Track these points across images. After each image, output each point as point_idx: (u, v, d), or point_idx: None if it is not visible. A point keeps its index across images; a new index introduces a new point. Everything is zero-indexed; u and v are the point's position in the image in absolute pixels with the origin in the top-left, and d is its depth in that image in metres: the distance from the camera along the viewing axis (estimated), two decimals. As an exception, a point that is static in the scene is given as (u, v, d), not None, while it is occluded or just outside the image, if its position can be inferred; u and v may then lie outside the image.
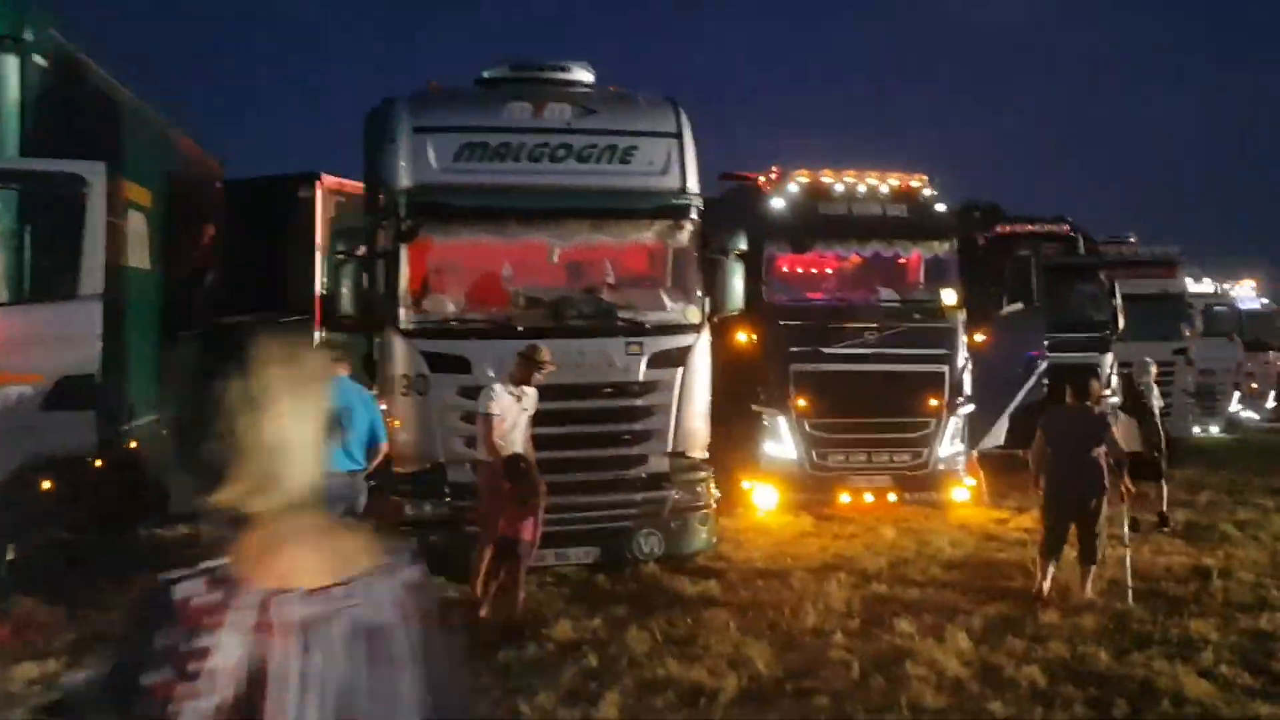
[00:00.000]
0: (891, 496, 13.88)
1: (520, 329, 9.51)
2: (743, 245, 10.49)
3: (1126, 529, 10.22)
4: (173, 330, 12.76)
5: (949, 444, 14.15)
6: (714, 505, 10.15)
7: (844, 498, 13.77)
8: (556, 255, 9.85)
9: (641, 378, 9.71)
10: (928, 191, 14.53)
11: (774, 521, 13.11)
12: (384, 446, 7.98)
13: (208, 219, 15.49)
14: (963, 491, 14.14)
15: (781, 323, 13.81)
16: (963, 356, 14.30)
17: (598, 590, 9.36)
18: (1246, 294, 31.02)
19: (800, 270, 14.56)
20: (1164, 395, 21.29)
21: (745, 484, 13.93)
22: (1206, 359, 24.98)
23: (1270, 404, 29.76)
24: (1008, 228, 18.53)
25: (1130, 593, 9.46)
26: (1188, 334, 23.02)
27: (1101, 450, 9.52)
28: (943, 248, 14.43)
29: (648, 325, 9.79)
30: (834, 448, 13.83)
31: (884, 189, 14.36)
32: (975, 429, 14.77)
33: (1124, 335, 21.06)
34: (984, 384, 14.88)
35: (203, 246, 15.25)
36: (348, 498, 7.58)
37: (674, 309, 9.98)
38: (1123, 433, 13.02)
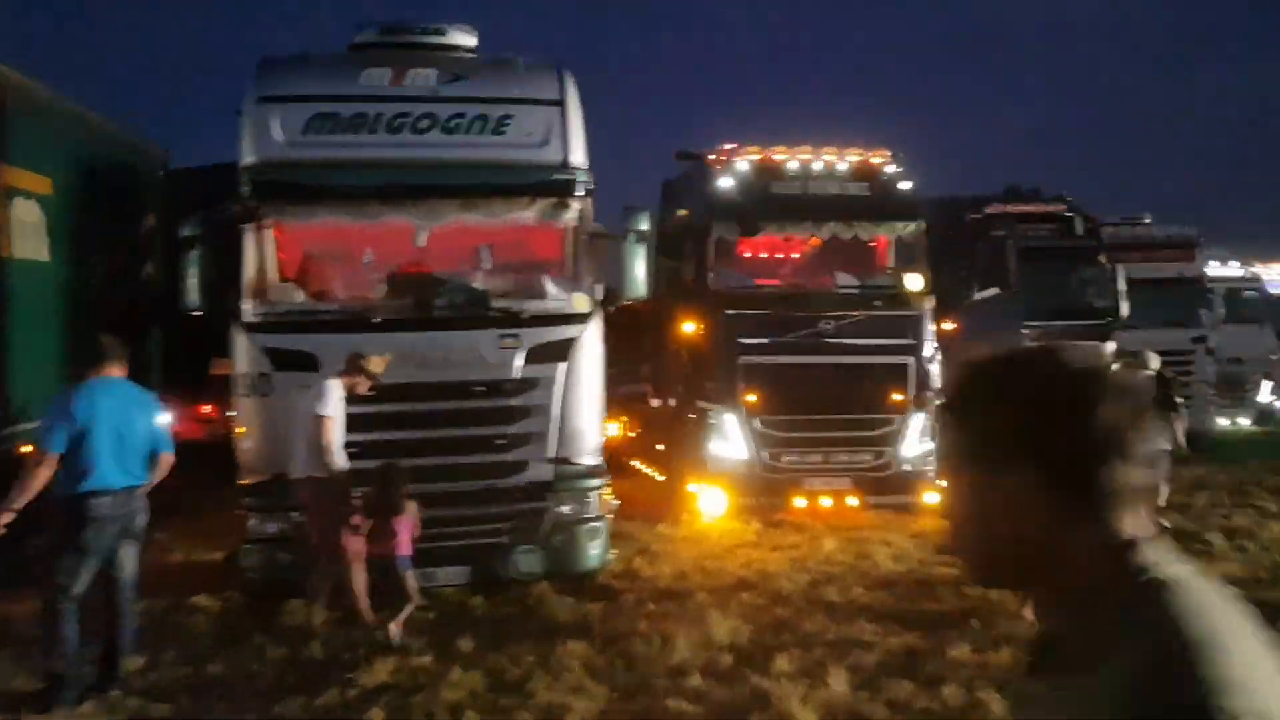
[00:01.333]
0: (852, 500, 12.55)
1: (377, 321, 8.32)
2: (644, 225, 9.18)
3: None
4: (87, 326, 11.74)
5: (916, 443, 12.78)
6: (608, 516, 8.88)
7: (799, 502, 12.47)
8: (423, 238, 8.64)
9: (518, 374, 8.50)
10: (891, 169, 13.13)
11: (716, 529, 11.84)
12: (167, 457, 6.82)
13: (143, 209, 14.45)
14: (934, 495, 12.72)
15: (729, 311, 12.51)
16: (930, 347, 12.91)
17: (462, 616, 8.16)
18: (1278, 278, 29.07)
19: (751, 254, 13.21)
20: (1184, 386, 19.94)
21: (691, 487, 12.66)
22: (1232, 347, 23.15)
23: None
24: (1000, 207, 17.06)
25: None
26: (1207, 321, 21.23)
27: None
28: (908, 229, 13.03)
29: (526, 315, 8.56)
30: (787, 447, 12.53)
31: (842, 166, 12.99)
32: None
33: (1129, 323, 19.60)
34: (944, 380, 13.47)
35: (136, 238, 14.21)
36: (121, 519, 6.43)
37: (558, 297, 8.74)
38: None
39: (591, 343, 8.72)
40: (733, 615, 8.11)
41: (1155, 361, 11.55)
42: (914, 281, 12.88)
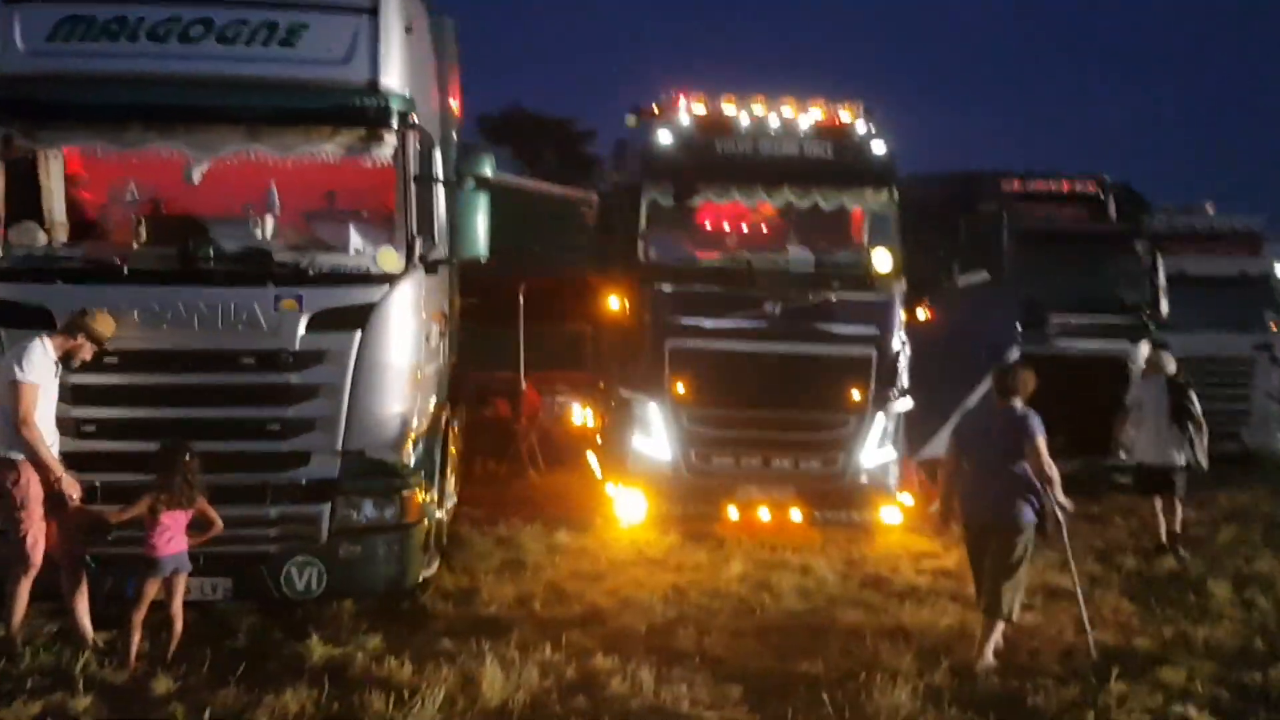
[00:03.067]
0: (796, 514, 10.68)
1: (129, 272, 6.73)
2: (485, 170, 7.45)
3: (1075, 575, 7.39)
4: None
5: (875, 449, 10.85)
6: (419, 524, 7.18)
7: (732, 512, 10.60)
8: (198, 174, 7.01)
9: (298, 345, 6.83)
10: (861, 127, 11.12)
11: (623, 540, 10.10)
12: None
13: None
14: (893, 512, 10.83)
15: (659, 287, 10.70)
16: (899, 338, 10.94)
17: (197, 642, 6.52)
18: None
19: (692, 223, 11.34)
20: (1239, 399, 17.49)
21: (609, 489, 10.90)
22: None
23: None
24: (1016, 184, 14.88)
25: (1093, 645, 7.06)
26: (1273, 325, 18.65)
27: (1024, 464, 6.83)
28: (878, 199, 11.03)
29: (312, 272, 6.87)
30: (720, 447, 10.70)
31: (803, 123, 11.03)
32: (916, 432, 11.35)
33: (1175, 324, 17.23)
34: (930, 374, 11.46)
35: None
36: None
37: (360, 251, 7.04)
38: (1151, 438, 10.48)
39: (399, 309, 7.03)
40: (532, 662, 6.36)
41: (1171, 365, 9.52)
42: (882, 261, 10.89)
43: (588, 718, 5.73)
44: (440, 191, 7.47)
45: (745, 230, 11.59)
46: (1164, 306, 14.95)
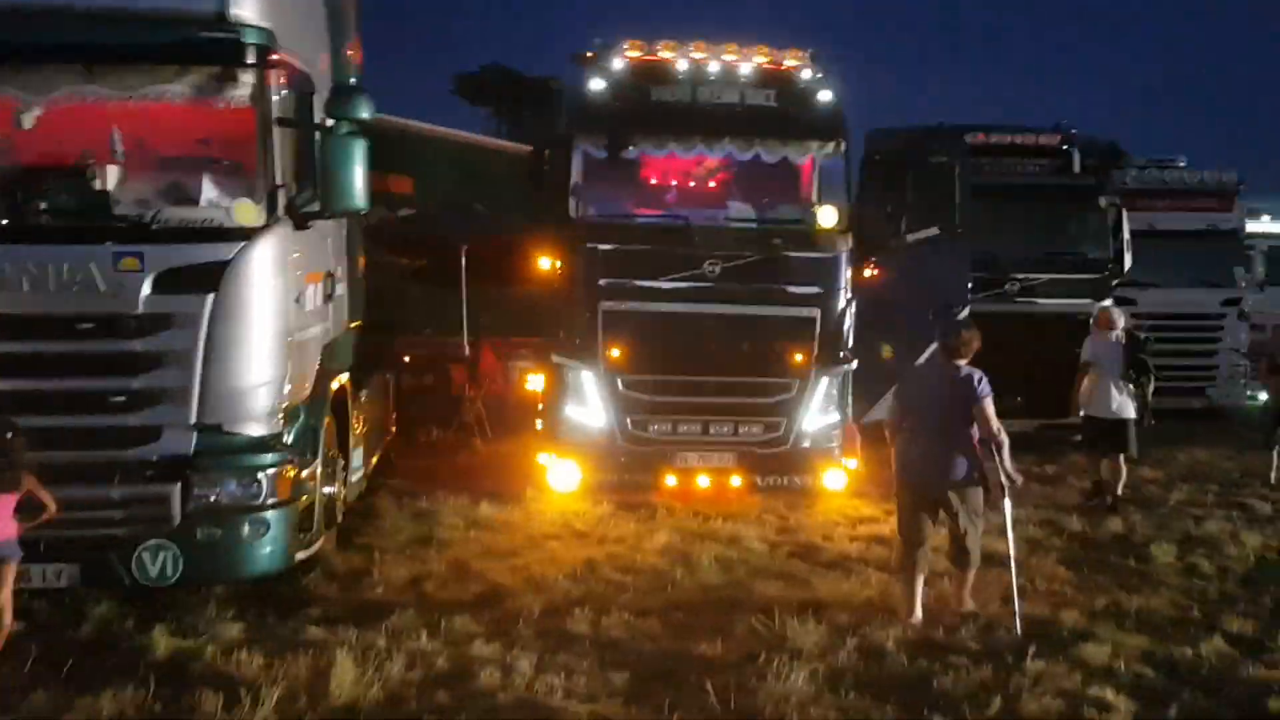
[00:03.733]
0: (736, 480, 9.84)
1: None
2: (362, 112, 6.50)
3: (1012, 544, 6.55)
4: None
5: (820, 413, 9.97)
6: (292, 502, 6.29)
7: (670, 480, 9.74)
8: (29, 118, 6.06)
9: (141, 308, 5.91)
10: (807, 74, 10.12)
11: (550, 512, 9.22)
12: None
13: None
14: (837, 476, 9.96)
15: (591, 245, 9.75)
16: (844, 297, 10.01)
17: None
18: None
19: (629, 177, 10.35)
20: (1208, 355, 16.64)
21: (541, 458, 10.00)
22: (1271, 312, 19.59)
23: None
24: (981, 136, 13.87)
25: (1019, 620, 6.26)
26: (1243, 282, 17.70)
27: (970, 428, 6.39)
28: (826, 150, 10.07)
29: (156, 227, 5.94)
30: (657, 414, 9.80)
31: (745, 70, 10.04)
32: (862, 394, 10.44)
33: (1145, 280, 16.33)
34: (878, 335, 10.56)
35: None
36: None
37: (213, 204, 6.10)
38: (1104, 394, 9.93)
39: (259, 269, 6.11)
40: (402, 652, 5.53)
41: (1123, 321, 8.71)
42: (828, 216, 9.93)
43: (444, 715, 4.83)
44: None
45: (685, 184, 10.59)
46: (1128, 262, 14.01)
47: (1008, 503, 6.47)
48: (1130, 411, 10.04)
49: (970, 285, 11.35)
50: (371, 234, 13.41)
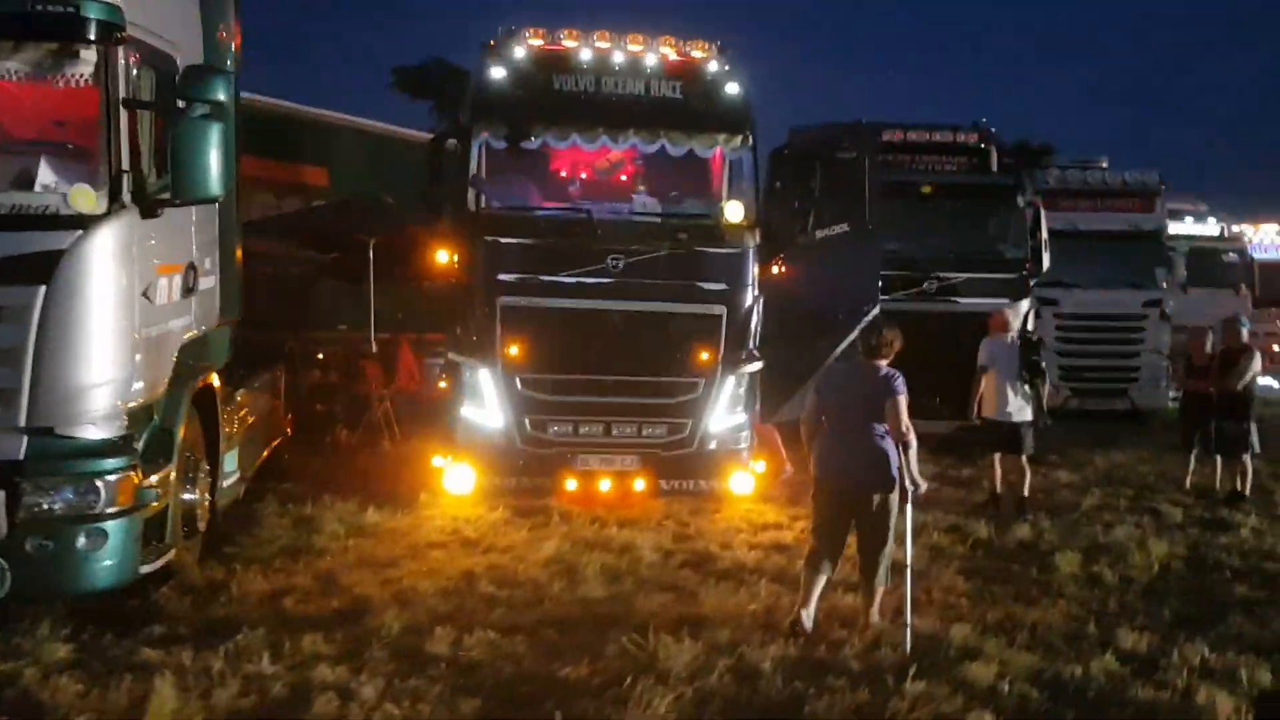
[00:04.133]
0: (640, 484, 9.47)
1: None
2: (217, 94, 6.03)
3: (910, 553, 6.26)
4: None
5: (726, 413, 9.66)
6: (135, 511, 5.81)
7: (570, 484, 9.35)
8: None
9: (-42, 302, 5.38)
10: (714, 66, 9.80)
11: (439, 518, 8.79)
12: None
13: None
14: (745, 479, 9.64)
15: (490, 239, 9.34)
16: (751, 294, 9.70)
17: None
18: (1269, 239, 25.29)
19: (531, 169, 9.95)
20: (1130, 356, 16.63)
21: (436, 460, 9.57)
22: (1200, 314, 19.60)
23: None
24: (898, 134, 13.66)
25: (910, 635, 5.93)
26: (1164, 283, 17.72)
27: (885, 426, 6.12)
28: (733, 144, 9.75)
29: (-23, 214, 5.42)
30: (557, 415, 9.42)
31: (651, 60, 9.69)
32: (771, 395, 10.16)
33: (1066, 280, 16.33)
34: (786, 333, 10.27)
35: None
36: None
37: (48, 189, 5.61)
38: (1000, 396, 9.76)
39: (101, 259, 5.62)
40: (238, 676, 5.07)
41: (1017, 321, 8.50)
42: (735, 211, 9.63)
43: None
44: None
45: (589, 177, 10.21)
46: (1046, 261, 13.89)
47: (909, 509, 6.16)
48: (1027, 414, 9.89)
49: (881, 283, 11.08)
50: (285, 226, 12.97)
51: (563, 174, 10.15)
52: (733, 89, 9.76)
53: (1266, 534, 8.96)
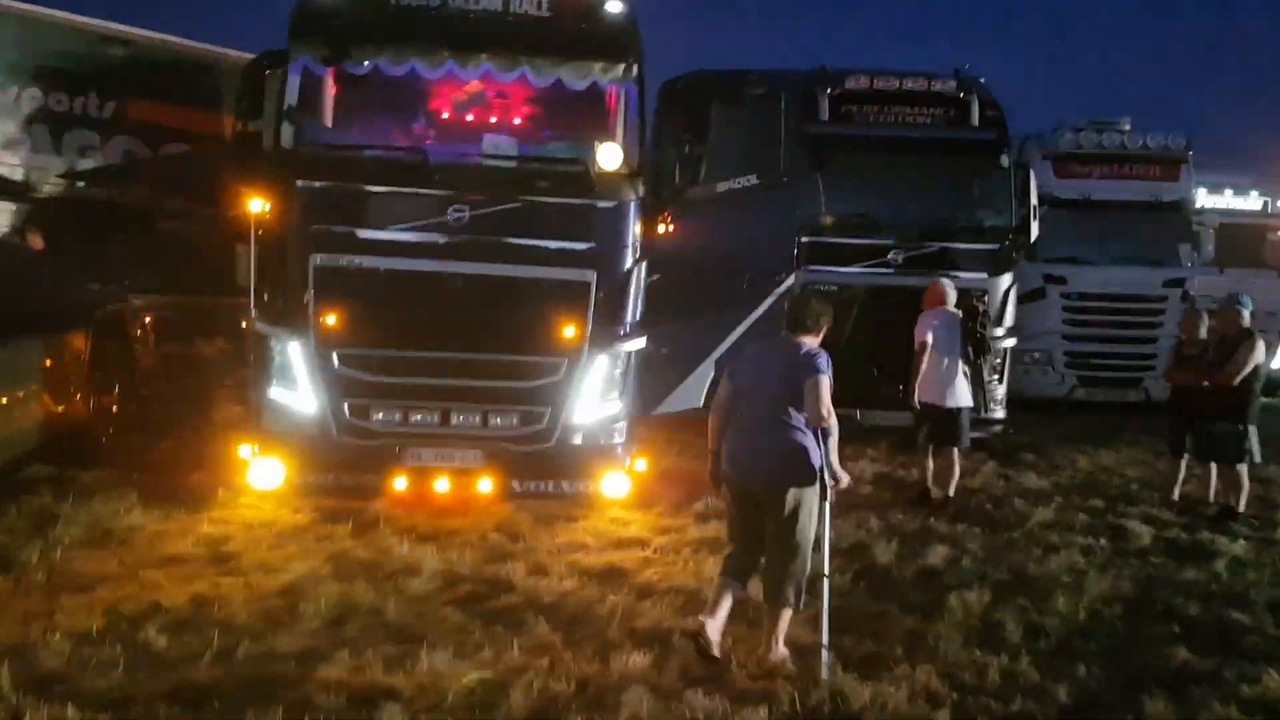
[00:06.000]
0: (486, 485, 7.87)
1: None
2: None
3: (828, 563, 5.28)
4: None
5: (596, 401, 8.08)
6: None
7: (400, 483, 7.76)
8: None
9: None
10: (591, -18, 8.09)
11: (227, 520, 7.23)
12: None
13: None
14: (619, 481, 8.04)
15: (303, 183, 7.75)
16: (630, 258, 8.05)
17: None
18: None
19: (358, 99, 8.34)
20: (1147, 342, 14.72)
21: (242, 450, 8.03)
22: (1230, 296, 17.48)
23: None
24: (864, 81, 11.84)
25: (826, 660, 4.96)
26: (1189, 260, 15.71)
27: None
28: (612, 75, 8.07)
29: None
30: (384, 399, 7.88)
31: (508, -28, 8.00)
32: (656, 380, 8.48)
33: (1065, 254, 14.49)
34: (678, 305, 8.57)
35: None
36: None
37: None
38: (937, 378, 8.57)
39: None
40: None
41: (954, 295, 6.84)
42: (611, 157, 7.94)
43: None
44: None
45: (434, 113, 8.56)
46: (1034, 232, 12.02)
47: (828, 509, 5.17)
48: (967, 398, 8.28)
49: (798, 249, 9.32)
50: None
51: (400, 107, 8.49)
52: (614, 7, 8.08)
53: (1248, 567, 7.12)
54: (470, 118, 8.44)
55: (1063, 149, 15.72)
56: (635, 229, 8.11)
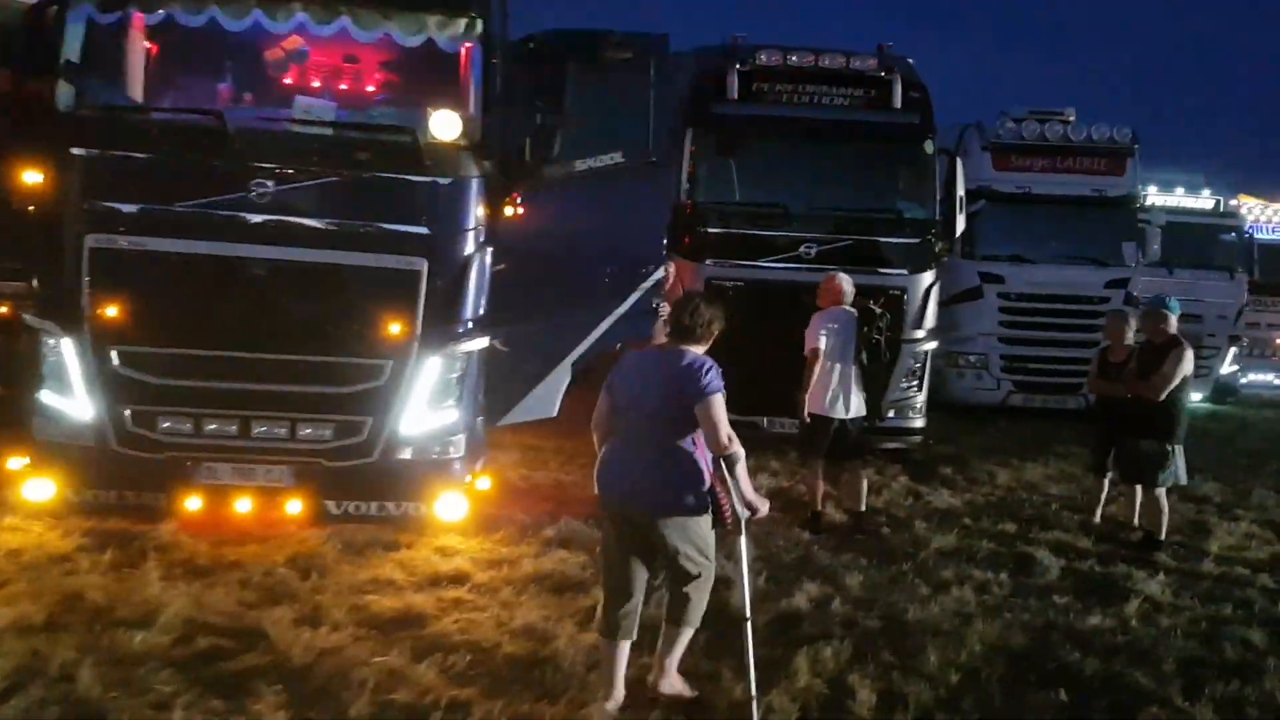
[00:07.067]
0: (295, 506, 6.71)
1: None
2: None
3: (749, 601, 4.60)
4: None
5: (429, 410, 7.02)
6: None
7: (193, 503, 6.59)
8: None
9: None
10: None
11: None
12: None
13: None
14: (456, 502, 6.92)
15: (80, 151, 6.56)
16: (471, 244, 6.93)
17: None
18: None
19: (150, 55, 7.18)
20: (1088, 345, 13.70)
21: (12, 463, 6.84)
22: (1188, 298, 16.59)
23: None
24: (777, 56, 10.83)
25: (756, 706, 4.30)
26: (1134, 260, 14.78)
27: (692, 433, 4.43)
28: (451, 31, 6.97)
29: None
30: (172, 406, 6.76)
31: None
32: (504, 386, 7.38)
33: (990, 253, 13.59)
34: (529, 300, 7.46)
35: None
36: None
37: None
38: (829, 384, 7.63)
39: None
40: None
41: (851, 291, 5.86)
42: (446, 125, 6.81)
43: None
44: None
45: (244, 72, 7.39)
46: (960, 225, 11.01)
47: (744, 541, 4.51)
48: (860, 409, 7.68)
49: (671, 239, 8.25)
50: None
51: (202, 65, 7.32)
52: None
53: (1163, 612, 6.09)
54: (288, 80, 7.27)
55: (1003, 140, 14.77)
56: (477, 211, 7.02)
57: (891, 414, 10.37)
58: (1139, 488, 7.80)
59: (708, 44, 11.43)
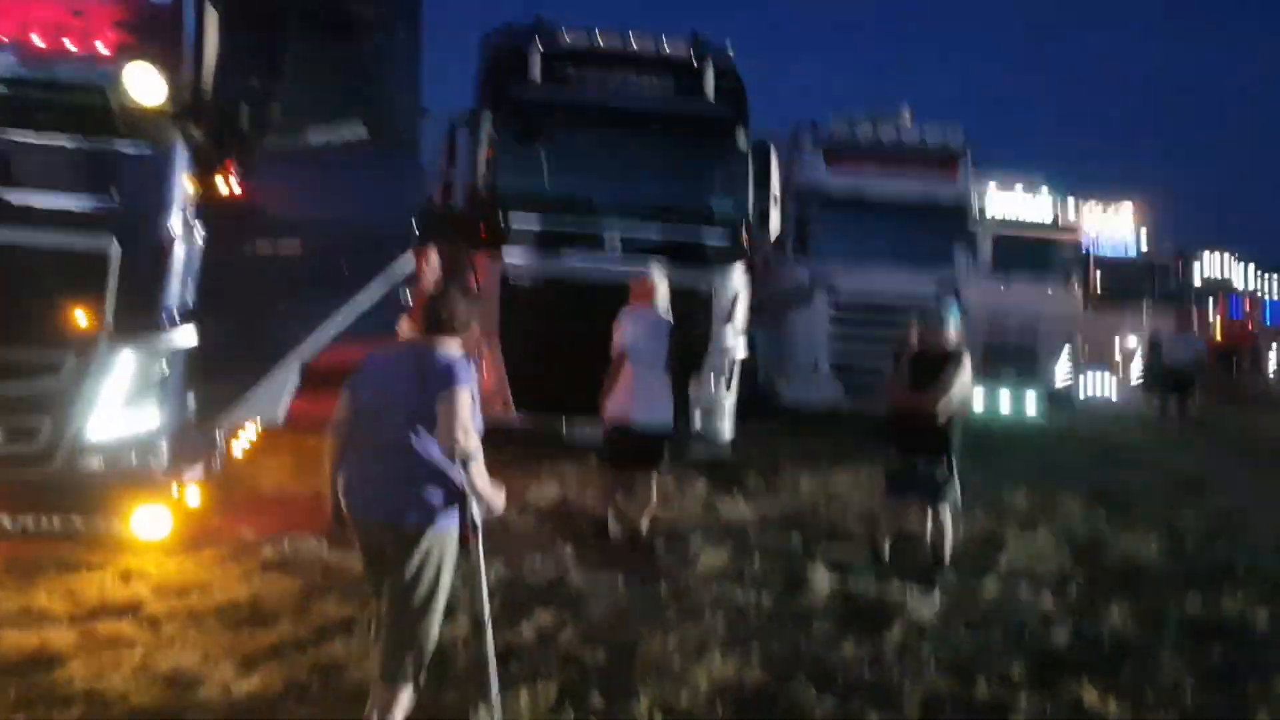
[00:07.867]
0: (-42, 521, 5.59)
1: None
2: None
3: (488, 618, 4.12)
4: None
5: (122, 410, 6.22)
6: None
7: None
8: None
9: None
10: None
11: None
12: None
13: None
14: (156, 516, 5.95)
15: None
16: (169, 221, 6.03)
17: None
18: (1120, 231, 22.03)
19: None
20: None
21: None
22: (1019, 309, 16.58)
23: (1135, 379, 21.21)
24: (583, 38, 10.17)
25: None
26: (963, 267, 14.51)
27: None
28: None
29: None
30: None
31: None
32: (219, 385, 6.45)
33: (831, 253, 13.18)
34: (250, 289, 6.55)
35: None
36: None
37: None
38: (638, 390, 6.99)
39: None
40: None
41: (665, 288, 6.80)
42: (143, 85, 5.86)
43: None
44: None
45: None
46: (775, 225, 10.45)
47: (481, 551, 4.03)
48: (666, 418, 7.05)
49: (426, 224, 7.44)
50: None
51: None
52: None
53: (926, 639, 5.53)
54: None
55: (836, 141, 14.40)
56: (181, 185, 6.08)
57: (698, 422, 9.74)
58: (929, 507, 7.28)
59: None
